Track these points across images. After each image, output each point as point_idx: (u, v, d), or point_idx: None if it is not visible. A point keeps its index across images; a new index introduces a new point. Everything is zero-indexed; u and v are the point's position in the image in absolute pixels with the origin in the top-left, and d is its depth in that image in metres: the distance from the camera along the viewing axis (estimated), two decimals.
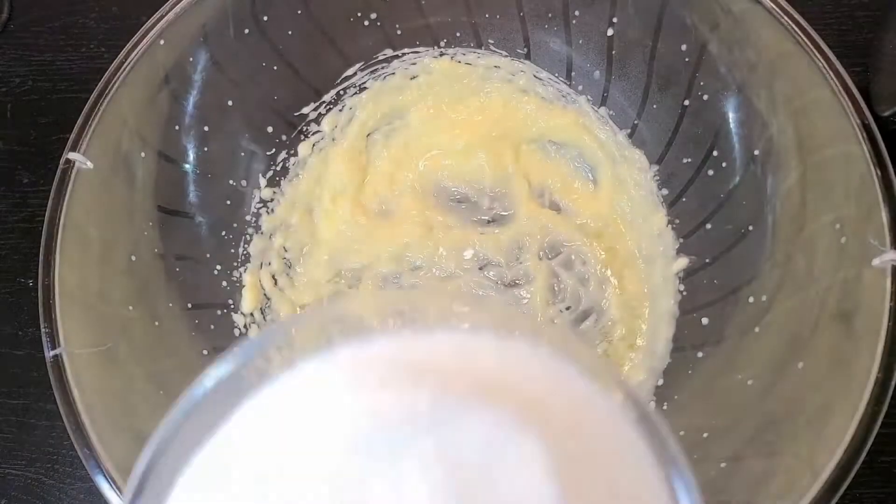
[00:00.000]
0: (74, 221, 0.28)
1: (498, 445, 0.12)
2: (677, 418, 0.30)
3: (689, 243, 0.33)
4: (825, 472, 0.23)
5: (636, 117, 0.35)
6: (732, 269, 0.31)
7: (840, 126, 0.27)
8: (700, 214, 0.33)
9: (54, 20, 0.41)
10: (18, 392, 0.35)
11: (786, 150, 0.29)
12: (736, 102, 0.31)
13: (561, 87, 0.36)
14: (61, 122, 0.39)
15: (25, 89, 0.40)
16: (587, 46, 0.35)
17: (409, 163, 0.37)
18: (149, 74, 0.30)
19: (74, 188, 0.28)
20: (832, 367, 0.25)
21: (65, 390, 0.25)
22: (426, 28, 0.36)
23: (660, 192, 0.34)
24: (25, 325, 0.36)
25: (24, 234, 0.38)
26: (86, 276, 0.28)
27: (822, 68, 0.27)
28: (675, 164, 0.34)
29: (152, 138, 0.31)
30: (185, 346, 0.30)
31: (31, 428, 0.34)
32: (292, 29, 0.33)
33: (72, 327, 0.26)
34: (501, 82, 0.37)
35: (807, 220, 0.28)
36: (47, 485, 0.33)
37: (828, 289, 0.27)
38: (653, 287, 0.34)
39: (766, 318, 0.28)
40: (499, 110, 0.37)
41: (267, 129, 0.35)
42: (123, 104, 0.29)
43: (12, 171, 0.39)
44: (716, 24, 0.31)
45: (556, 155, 0.37)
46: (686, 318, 0.32)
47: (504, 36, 0.36)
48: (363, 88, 0.36)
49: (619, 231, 0.35)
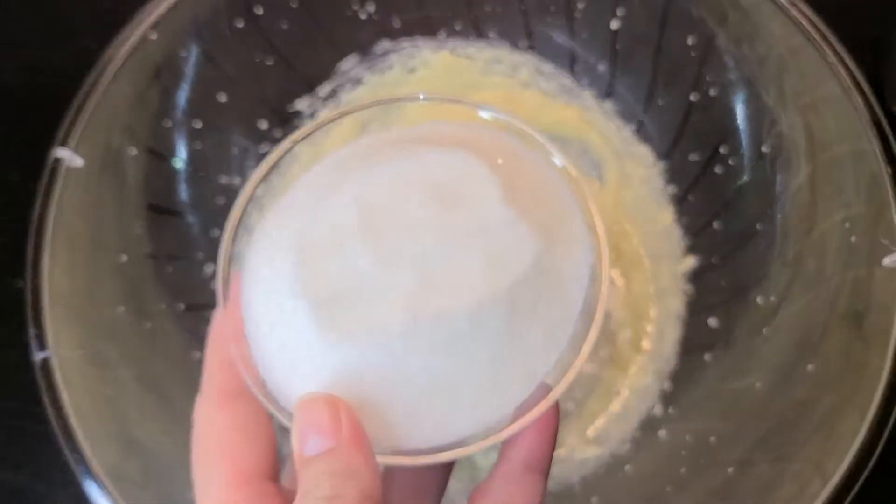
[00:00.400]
0: (63, 220, 0.27)
1: (463, 169, 0.17)
2: (684, 422, 0.30)
3: (696, 242, 0.33)
4: (835, 476, 0.23)
5: (642, 112, 0.35)
6: (740, 269, 0.31)
7: (850, 123, 0.27)
8: (707, 212, 0.33)
9: (44, 13, 0.41)
10: (8, 395, 0.34)
11: (795, 147, 0.29)
12: (744, 98, 0.31)
13: (564, 81, 0.36)
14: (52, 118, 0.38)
15: (15, 84, 0.39)
16: (591, 40, 0.34)
17: None
18: (140, 69, 0.30)
19: (64, 186, 0.27)
20: (842, 369, 0.25)
21: (54, 393, 0.25)
22: (425, 20, 0.35)
23: (666, 190, 0.34)
24: (15, 326, 0.35)
25: (14, 233, 0.37)
26: (75, 276, 0.27)
27: (832, 63, 0.27)
28: (682, 160, 0.34)
29: (143, 134, 0.30)
30: (176, 347, 0.30)
31: (19, 432, 0.34)
32: (286, 22, 0.33)
33: (61, 329, 0.26)
34: (503, 76, 0.36)
35: (816, 219, 0.28)
36: (37, 489, 0.33)
37: (838, 289, 0.26)
38: (659, 288, 0.34)
39: (775, 320, 0.28)
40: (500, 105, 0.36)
41: (260, 124, 0.34)
42: (114, 99, 0.29)
43: (1, 169, 0.38)
44: (723, 17, 0.30)
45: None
46: (693, 319, 0.32)
47: (505, 29, 0.35)
48: (359, 83, 0.36)
49: (625, 229, 0.35)
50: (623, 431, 0.31)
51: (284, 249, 0.17)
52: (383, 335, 0.16)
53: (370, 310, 0.16)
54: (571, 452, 0.31)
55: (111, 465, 0.24)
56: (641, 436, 0.31)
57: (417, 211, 0.16)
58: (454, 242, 0.16)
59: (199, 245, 0.32)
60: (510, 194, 0.17)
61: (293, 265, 0.16)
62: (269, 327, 0.17)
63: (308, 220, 0.17)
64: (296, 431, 0.16)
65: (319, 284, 0.16)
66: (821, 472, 0.23)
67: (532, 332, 0.16)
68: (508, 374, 0.16)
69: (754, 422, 0.27)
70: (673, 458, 0.28)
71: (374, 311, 0.16)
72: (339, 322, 0.16)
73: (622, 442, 0.31)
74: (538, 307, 0.16)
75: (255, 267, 0.18)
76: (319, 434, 0.16)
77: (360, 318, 0.16)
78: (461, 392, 0.16)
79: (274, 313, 0.17)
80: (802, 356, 0.26)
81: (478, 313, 0.16)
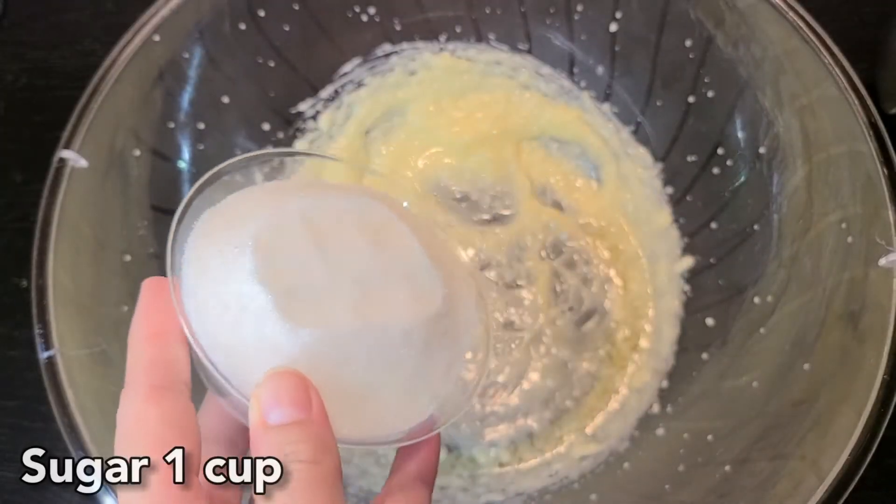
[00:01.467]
0: (68, 221, 0.27)
1: (386, 217, 0.21)
2: (682, 420, 0.30)
3: (693, 242, 0.33)
4: (831, 474, 0.23)
5: (640, 114, 0.35)
6: (738, 269, 0.31)
7: (846, 124, 0.27)
8: (705, 213, 0.33)
9: (48, 16, 0.41)
10: (12, 394, 0.35)
11: (792, 148, 0.29)
12: (741, 99, 0.31)
13: (563, 83, 0.36)
14: (56, 120, 0.38)
15: (19, 86, 0.40)
16: (590, 42, 0.35)
17: (408, 161, 0.37)
18: (143, 71, 0.30)
19: (68, 187, 0.27)
20: (838, 368, 0.25)
21: (59, 392, 0.25)
22: (426, 23, 0.35)
23: (664, 191, 0.34)
24: (19, 325, 0.36)
25: (17, 233, 0.37)
26: (80, 276, 0.28)
27: (828, 65, 0.27)
28: (680, 161, 0.34)
29: (147, 136, 0.31)
30: None
31: (25, 430, 0.34)
32: (289, 24, 0.33)
33: (66, 328, 0.26)
34: (503, 78, 0.36)
35: (813, 220, 0.28)
36: (42, 488, 0.33)
37: (834, 289, 0.26)
38: (657, 287, 0.34)
39: (771, 319, 0.28)
40: (500, 107, 0.36)
41: (263, 126, 0.34)
42: (118, 101, 0.29)
43: (5, 170, 0.38)
44: (721, 20, 0.30)
45: (558, 152, 0.37)
46: (691, 318, 0.32)
47: (505, 31, 0.36)
48: (361, 85, 0.36)
49: (623, 230, 0.35)
50: (621, 429, 0.31)
51: (235, 244, 0.19)
52: (337, 330, 0.18)
53: (324, 306, 0.18)
54: (570, 450, 0.31)
55: (115, 462, 0.25)
56: (640, 434, 0.31)
57: (356, 238, 0.20)
58: (386, 272, 0.19)
59: None
60: (424, 245, 0.21)
61: (251, 257, 0.18)
62: (221, 310, 0.18)
63: (258, 223, 0.19)
64: (262, 400, 0.17)
65: (277, 276, 0.18)
66: (817, 470, 0.23)
67: (438, 360, 0.20)
68: (422, 387, 0.20)
69: (751, 420, 0.27)
70: (671, 456, 0.28)
71: (328, 308, 0.18)
72: (299, 311, 0.18)
73: (621, 440, 0.31)
74: (443, 341, 0.20)
75: (199, 259, 0.19)
76: (291, 405, 0.17)
77: (316, 311, 0.18)
78: (388, 394, 0.19)
79: (227, 298, 0.18)
80: (799, 355, 0.26)
81: (409, 331, 0.19)
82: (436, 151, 0.37)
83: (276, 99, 0.34)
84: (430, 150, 0.37)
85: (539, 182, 0.36)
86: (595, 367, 0.33)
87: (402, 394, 0.19)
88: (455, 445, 0.32)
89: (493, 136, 0.37)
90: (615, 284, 0.34)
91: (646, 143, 0.35)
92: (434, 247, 0.21)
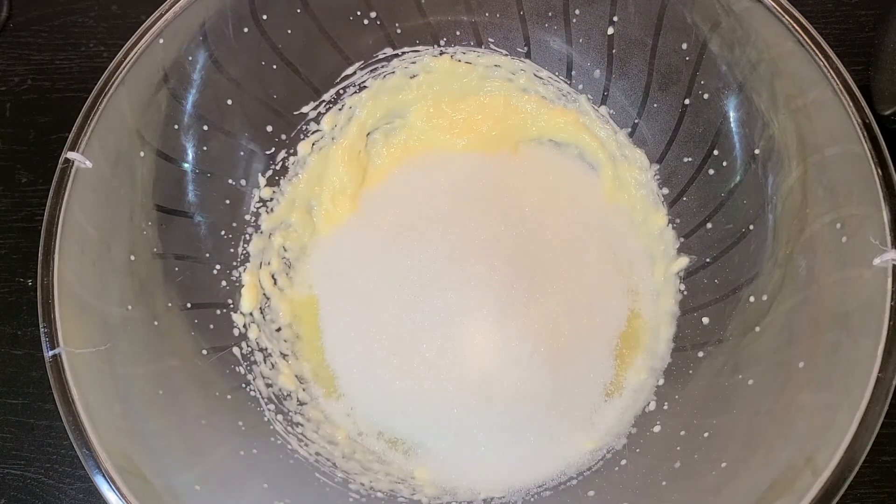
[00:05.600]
0: (73, 221, 0.28)
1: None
2: (678, 418, 0.30)
3: (689, 242, 0.33)
4: (826, 471, 0.23)
5: (637, 116, 0.35)
6: (733, 269, 0.31)
7: (841, 125, 0.27)
8: (701, 214, 0.33)
9: (54, 19, 0.41)
10: (18, 392, 0.35)
11: (787, 149, 0.29)
12: (737, 101, 0.31)
13: (561, 86, 0.36)
14: (60, 122, 0.39)
15: (25, 88, 0.40)
16: (587, 45, 0.35)
17: (409, 162, 0.37)
18: (148, 73, 0.30)
19: (73, 187, 0.28)
20: (833, 366, 0.25)
21: (64, 390, 0.25)
22: (426, 27, 0.36)
23: (660, 192, 0.34)
24: (24, 324, 0.36)
25: (23, 233, 0.37)
26: (85, 275, 0.28)
27: (822, 67, 0.27)
28: (676, 163, 0.34)
29: (151, 137, 0.31)
30: (184, 345, 0.30)
31: (30, 428, 0.34)
32: (292, 27, 0.33)
33: (71, 327, 0.26)
34: (502, 81, 0.37)
35: (807, 220, 0.28)
36: (46, 484, 0.33)
37: (828, 288, 0.26)
38: (654, 287, 0.34)
39: (766, 318, 0.28)
40: (499, 109, 0.37)
41: (266, 128, 0.35)
42: (123, 103, 0.29)
43: (11, 171, 0.39)
44: (717, 23, 0.30)
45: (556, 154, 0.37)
46: (687, 317, 0.32)
47: (504, 35, 0.36)
48: (363, 87, 0.36)
49: (620, 230, 0.35)
50: (619, 427, 0.31)
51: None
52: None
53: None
54: (568, 447, 0.32)
55: (120, 459, 0.25)
56: (637, 431, 0.31)
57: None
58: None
59: (206, 245, 0.33)
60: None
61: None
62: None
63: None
64: None
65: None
66: (813, 467, 0.23)
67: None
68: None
69: (747, 417, 0.27)
70: (668, 453, 0.28)
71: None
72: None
73: (618, 437, 0.31)
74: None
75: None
76: None
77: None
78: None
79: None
80: (794, 353, 0.26)
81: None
82: (436, 152, 0.37)
83: (280, 101, 0.35)
84: (430, 151, 0.37)
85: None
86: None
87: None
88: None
89: (492, 137, 0.37)
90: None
91: (642, 145, 0.35)
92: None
